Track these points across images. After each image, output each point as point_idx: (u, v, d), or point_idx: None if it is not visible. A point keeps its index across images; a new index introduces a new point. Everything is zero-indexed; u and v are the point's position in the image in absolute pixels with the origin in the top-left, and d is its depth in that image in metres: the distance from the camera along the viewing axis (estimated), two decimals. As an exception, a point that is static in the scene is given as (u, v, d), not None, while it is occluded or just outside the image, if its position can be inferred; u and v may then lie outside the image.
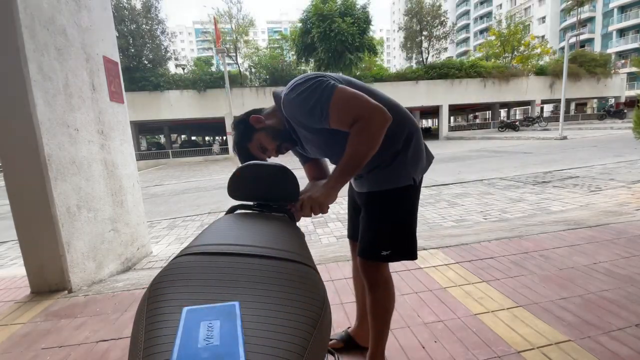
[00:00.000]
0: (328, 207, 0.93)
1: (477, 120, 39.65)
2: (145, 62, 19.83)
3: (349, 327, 1.40)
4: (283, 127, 1.04)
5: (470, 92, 21.76)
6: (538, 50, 26.03)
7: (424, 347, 1.32)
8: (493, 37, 26.89)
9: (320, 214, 0.94)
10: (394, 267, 2.05)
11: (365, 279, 1.09)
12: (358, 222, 1.16)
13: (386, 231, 1.04)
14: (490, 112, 31.56)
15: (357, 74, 20.41)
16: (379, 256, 1.04)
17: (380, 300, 1.09)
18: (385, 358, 1.18)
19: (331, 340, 1.34)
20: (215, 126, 26.72)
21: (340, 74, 1.01)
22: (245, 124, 1.04)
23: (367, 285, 1.10)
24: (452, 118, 39.88)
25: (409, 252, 1.07)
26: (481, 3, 54.35)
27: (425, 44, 25.35)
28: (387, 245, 1.03)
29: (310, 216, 0.94)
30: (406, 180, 1.02)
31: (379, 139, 0.89)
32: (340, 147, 0.98)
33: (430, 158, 1.11)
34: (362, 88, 0.97)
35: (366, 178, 1.06)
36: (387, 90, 20.39)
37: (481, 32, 50.87)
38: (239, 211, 0.91)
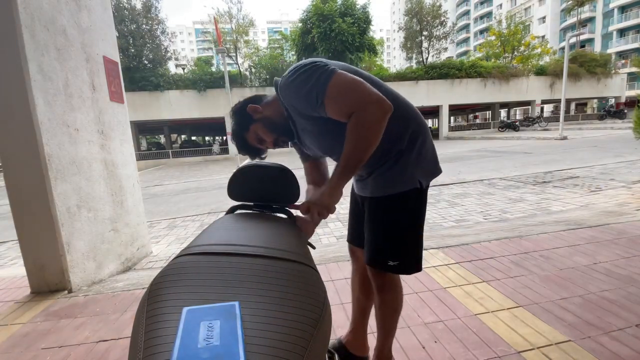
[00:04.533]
0: (335, 208, 0.90)
1: (477, 120, 39.62)
2: (146, 62, 19.82)
3: (341, 336, 1.34)
4: (281, 119, 0.99)
5: (470, 92, 21.75)
6: (538, 50, 26.01)
7: (424, 347, 1.32)
8: (493, 37, 26.88)
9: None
10: (394, 267, 2.06)
11: (374, 282, 1.07)
12: (360, 227, 1.12)
13: (393, 239, 0.99)
14: (490, 112, 31.54)
15: (357, 74, 20.38)
16: (386, 266, 1.00)
17: (388, 302, 1.07)
18: (392, 356, 1.18)
19: None
20: (215, 126, 26.71)
21: (345, 64, 0.95)
22: (243, 113, 0.99)
23: (375, 288, 1.07)
24: (452, 118, 39.87)
25: (416, 263, 1.03)
26: (481, 3, 54.35)
27: (425, 44, 25.34)
28: (394, 256, 0.99)
29: (319, 222, 0.91)
30: (411, 183, 0.97)
31: (379, 131, 0.83)
32: (336, 139, 0.93)
33: (437, 170, 1.05)
34: (367, 78, 0.92)
35: (368, 181, 1.02)
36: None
37: (481, 32, 50.87)
38: (239, 211, 0.91)
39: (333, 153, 1.02)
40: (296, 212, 0.95)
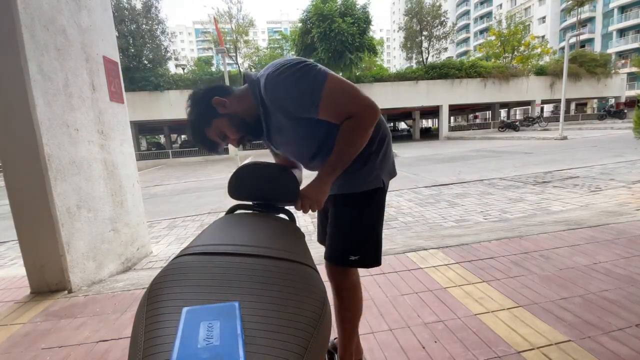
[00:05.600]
0: (323, 203, 0.94)
1: (477, 121, 39.64)
2: (145, 62, 19.81)
3: (335, 338, 1.32)
4: (250, 117, 0.93)
5: (470, 92, 21.75)
6: (538, 50, 26.01)
7: (424, 347, 1.32)
8: (493, 37, 26.88)
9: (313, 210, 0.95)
10: (393, 267, 2.06)
11: (332, 283, 1.07)
12: (326, 225, 1.13)
13: (356, 236, 1.01)
14: (490, 112, 31.56)
15: (357, 74, 20.39)
16: (348, 261, 1.01)
17: (347, 305, 1.06)
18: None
19: None
20: (215, 126, 26.63)
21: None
22: (206, 105, 0.91)
23: (333, 290, 1.08)
24: (452, 118, 39.85)
25: (376, 257, 1.05)
26: (481, 3, 54.35)
27: (425, 44, 25.35)
28: (356, 251, 1.01)
29: (306, 212, 0.94)
30: (376, 182, 1.00)
31: (369, 135, 0.89)
32: (315, 141, 0.96)
33: (394, 172, 1.09)
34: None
35: (336, 179, 0.99)
36: (388, 90, 20.69)
37: (481, 32, 50.88)
38: (239, 211, 0.91)
39: (301, 156, 1.03)
40: (295, 212, 0.96)
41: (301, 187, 0.96)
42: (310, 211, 0.93)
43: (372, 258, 1.04)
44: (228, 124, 0.93)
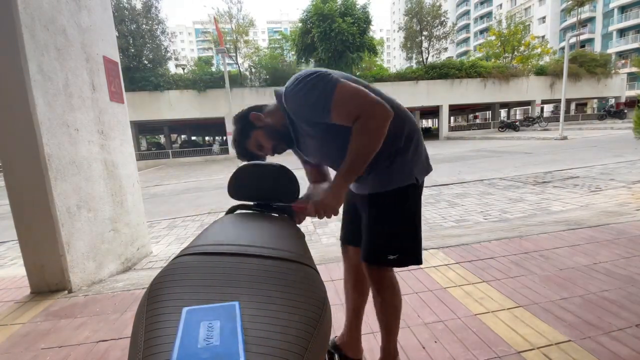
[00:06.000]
0: (338, 210, 0.94)
1: (477, 121, 39.64)
2: (145, 62, 19.81)
3: (335, 337, 1.34)
4: (281, 127, 1.04)
5: (470, 92, 21.75)
6: (538, 50, 26.01)
7: (424, 347, 1.32)
8: (493, 37, 26.87)
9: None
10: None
11: (372, 283, 1.09)
12: (355, 226, 1.15)
13: (392, 233, 1.03)
14: (490, 112, 31.54)
15: (357, 74, 20.39)
16: (386, 260, 1.03)
17: (388, 301, 1.09)
18: (398, 354, 1.19)
19: None
20: (215, 126, 26.71)
21: (342, 72, 1.00)
22: (246, 121, 1.04)
23: (374, 289, 1.10)
24: (452, 118, 39.86)
25: (415, 256, 1.06)
26: (481, 3, 54.35)
27: (425, 44, 25.34)
28: (394, 249, 1.02)
29: (322, 218, 0.95)
30: (409, 179, 1.01)
31: (381, 135, 0.89)
32: (336, 147, 0.98)
33: (429, 167, 1.10)
34: (366, 87, 0.97)
35: (367, 179, 1.04)
36: (387, 90, 20.37)
37: (481, 32, 50.88)
38: (239, 211, 0.91)
39: (331, 159, 1.07)
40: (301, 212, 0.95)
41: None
42: (325, 217, 0.94)
43: (411, 256, 1.05)
44: (263, 135, 1.04)
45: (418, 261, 1.06)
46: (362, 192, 1.09)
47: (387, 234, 1.03)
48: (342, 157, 0.98)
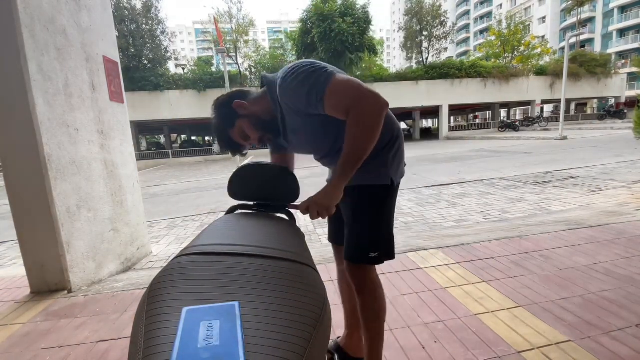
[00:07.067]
0: (334, 209, 0.90)
1: (477, 121, 39.61)
2: (145, 62, 19.82)
3: (338, 337, 1.34)
4: (269, 116, 0.99)
5: (470, 92, 21.75)
6: (538, 50, 26.01)
7: (424, 348, 1.32)
8: (493, 37, 26.87)
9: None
10: (393, 267, 2.06)
11: (354, 283, 1.06)
12: (339, 225, 1.14)
13: (373, 232, 1.02)
14: (490, 112, 31.54)
15: (358, 74, 20.39)
16: (368, 258, 1.02)
17: (369, 304, 1.05)
18: None
19: None
20: (215, 126, 26.62)
21: (341, 70, 0.98)
22: (228, 108, 0.98)
23: (355, 289, 1.07)
24: (452, 118, 39.85)
25: (391, 252, 1.07)
26: (481, 3, 54.35)
27: (425, 44, 25.34)
28: (375, 247, 1.02)
29: (317, 219, 0.91)
30: (384, 179, 1.01)
31: (377, 127, 0.85)
32: (327, 140, 0.98)
33: (404, 172, 1.11)
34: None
35: None
36: (388, 90, 20.65)
37: (481, 32, 50.88)
38: (239, 211, 0.91)
39: (321, 151, 1.05)
40: (295, 212, 0.95)
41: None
42: (320, 218, 0.90)
43: (389, 251, 1.06)
44: (248, 124, 0.98)
45: (391, 256, 1.07)
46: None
47: (368, 232, 1.02)
48: (326, 153, 0.98)
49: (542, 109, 27.63)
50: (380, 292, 1.07)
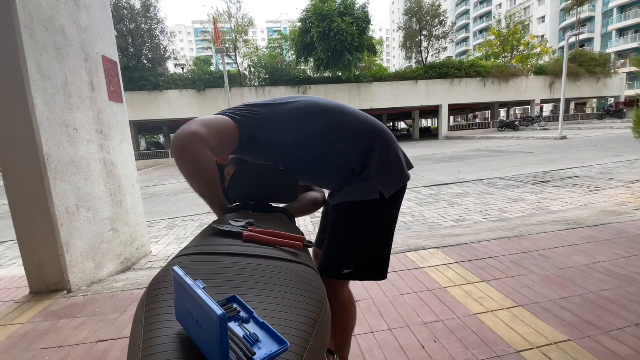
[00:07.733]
0: None
1: (477, 120, 39.68)
2: (145, 61, 19.77)
3: None
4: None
5: (470, 92, 21.76)
6: (538, 50, 26.02)
7: (423, 347, 1.32)
8: (493, 37, 26.88)
9: None
10: (393, 266, 2.06)
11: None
12: (325, 235, 1.11)
13: (347, 248, 0.97)
14: (489, 112, 31.56)
15: (357, 73, 20.37)
16: (340, 274, 0.97)
17: (338, 320, 1.00)
18: None
19: None
20: (214, 126, 26.61)
21: (270, 99, 0.99)
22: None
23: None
24: (451, 118, 39.89)
25: (376, 271, 1.00)
26: (481, 3, 54.36)
27: (424, 44, 25.32)
28: (348, 264, 0.97)
29: None
30: (370, 194, 0.94)
31: (188, 161, 0.82)
32: (307, 165, 0.96)
33: (403, 179, 1.02)
34: (269, 104, 0.95)
35: (335, 191, 1.01)
36: (387, 90, 20.67)
37: (481, 31, 50.89)
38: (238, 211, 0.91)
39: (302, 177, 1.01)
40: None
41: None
42: None
43: (372, 269, 1.00)
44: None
45: (380, 276, 1.01)
46: (331, 202, 1.04)
47: (342, 248, 0.97)
48: (315, 174, 0.99)
49: (541, 108, 27.65)
50: (350, 309, 1.05)
